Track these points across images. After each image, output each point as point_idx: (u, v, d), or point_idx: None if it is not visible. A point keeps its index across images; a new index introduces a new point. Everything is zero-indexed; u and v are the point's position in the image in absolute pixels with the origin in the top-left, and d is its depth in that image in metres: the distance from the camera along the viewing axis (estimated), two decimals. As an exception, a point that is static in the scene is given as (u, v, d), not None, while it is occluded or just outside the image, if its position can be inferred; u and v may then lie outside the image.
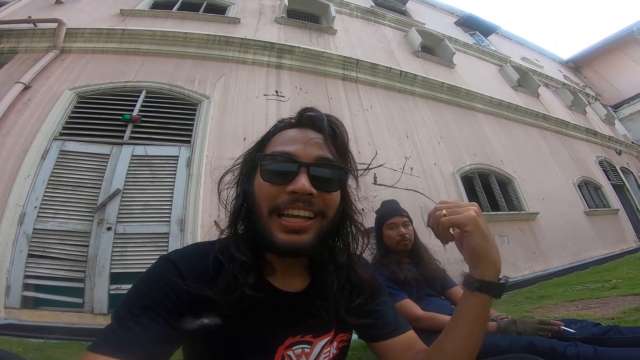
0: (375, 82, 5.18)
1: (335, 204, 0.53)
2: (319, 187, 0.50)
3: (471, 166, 5.01)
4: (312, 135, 0.54)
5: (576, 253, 5.21)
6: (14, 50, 4.03)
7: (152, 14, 5.02)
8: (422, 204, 4.12)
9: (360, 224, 0.61)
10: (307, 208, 0.49)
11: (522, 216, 4.99)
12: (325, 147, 0.53)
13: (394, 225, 1.48)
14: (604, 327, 1.08)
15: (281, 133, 0.57)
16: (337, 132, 0.57)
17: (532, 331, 1.07)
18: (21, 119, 3.34)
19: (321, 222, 0.51)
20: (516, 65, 8.59)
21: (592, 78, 12.72)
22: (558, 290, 3.04)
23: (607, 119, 10.14)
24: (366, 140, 4.33)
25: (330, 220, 0.53)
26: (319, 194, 0.50)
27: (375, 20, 7.07)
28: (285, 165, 0.51)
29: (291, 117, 0.60)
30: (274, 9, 5.89)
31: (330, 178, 0.52)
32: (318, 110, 0.58)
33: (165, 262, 0.50)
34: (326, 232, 0.53)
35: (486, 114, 6.17)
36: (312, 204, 0.50)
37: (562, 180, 6.30)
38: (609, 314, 1.86)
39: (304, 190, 0.48)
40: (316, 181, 0.50)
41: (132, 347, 0.41)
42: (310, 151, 0.52)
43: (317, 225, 0.51)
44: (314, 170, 0.50)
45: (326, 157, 0.52)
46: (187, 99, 3.88)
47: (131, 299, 0.46)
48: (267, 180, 0.51)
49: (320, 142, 0.53)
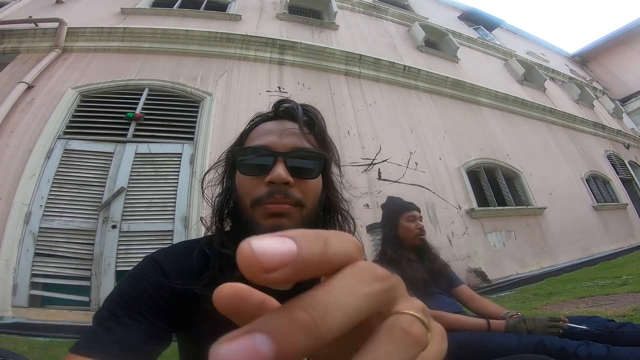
0: (379, 77, 5.13)
1: (314, 192, 0.52)
2: (297, 175, 0.50)
3: (477, 161, 4.95)
4: (288, 125, 0.54)
5: (585, 248, 5.14)
6: (16, 50, 4.04)
7: (153, 12, 5.01)
8: (427, 199, 4.08)
9: (346, 211, 0.59)
10: (283, 201, 0.49)
11: (529, 211, 4.93)
12: (302, 136, 0.53)
13: (413, 217, 1.44)
14: (619, 323, 1.05)
15: (258, 127, 0.57)
16: (315, 120, 0.56)
17: (543, 329, 1.03)
18: (25, 118, 3.35)
19: (301, 212, 0.50)
20: (522, 60, 8.47)
21: (599, 72, 12.54)
22: (567, 287, 3.01)
23: (614, 112, 9.98)
24: (370, 135, 4.29)
25: (310, 209, 0.52)
26: (297, 183, 0.50)
27: (377, 15, 7.01)
28: (262, 159, 0.51)
29: (268, 112, 0.60)
30: (275, 5, 5.85)
31: (307, 167, 0.51)
32: (293, 100, 0.58)
33: (148, 261, 0.50)
34: (308, 221, 0.51)
35: (492, 109, 6.10)
36: (288, 194, 0.49)
37: (570, 175, 6.22)
38: (620, 311, 1.82)
39: (280, 179, 0.48)
40: (293, 170, 0.50)
41: (111, 347, 0.41)
42: (286, 141, 0.52)
43: (297, 215, 0.50)
44: (290, 160, 0.50)
45: (302, 146, 0.52)
46: (189, 97, 3.86)
47: (113, 300, 0.46)
48: (245, 174, 0.51)
49: (297, 132, 0.53)
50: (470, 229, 4.16)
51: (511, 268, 4.15)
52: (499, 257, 4.15)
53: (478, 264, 3.90)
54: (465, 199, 4.40)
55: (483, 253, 4.06)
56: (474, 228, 4.22)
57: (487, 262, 3.97)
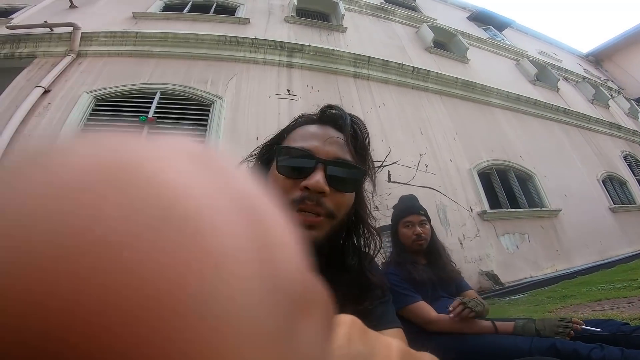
0: (388, 79, 5.10)
1: (346, 206, 0.52)
2: (334, 186, 0.49)
3: (489, 162, 4.86)
4: (332, 133, 0.53)
5: (601, 251, 4.98)
6: (33, 55, 4.15)
7: (163, 17, 5.10)
8: (438, 201, 4.02)
9: (374, 228, 0.59)
10: (314, 209, 0.48)
11: (543, 213, 4.81)
12: (345, 146, 0.52)
13: (410, 223, 1.42)
14: (634, 326, 1.02)
15: (301, 128, 0.56)
16: (359, 133, 0.55)
17: (552, 330, 1.01)
18: (42, 122, 3.43)
19: (331, 222, 0.49)
20: (533, 59, 8.32)
21: (614, 71, 12.25)
22: (582, 290, 2.92)
23: (630, 112, 9.70)
24: (379, 137, 4.25)
25: (339, 221, 0.51)
26: (332, 194, 0.49)
27: (385, 17, 6.99)
28: (303, 161, 0.50)
29: (313, 113, 0.58)
30: (283, 8, 5.90)
31: (346, 178, 0.50)
32: (341, 108, 0.56)
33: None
34: (335, 233, 0.51)
35: (503, 109, 5.99)
36: (321, 203, 0.48)
37: (585, 176, 6.05)
38: (636, 314, 1.77)
39: (318, 187, 0.47)
40: (332, 180, 0.49)
41: None
42: (329, 149, 0.51)
43: (327, 226, 0.49)
44: (331, 168, 0.49)
45: (344, 157, 0.51)
46: (200, 100, 3.91)
47: None
48: (282, 173, 0.50)
49: (341, 141, 0.52)
50: (482, 232, 4.08)
51: (524, 271, 4.05)
52: (512, 260, 4.06)
53: (490, 266, 3.82)
54: (476, 201, 4.32)
55: (495, 256, 3.97)
56: (486, 230, 4.13)
57: (499, 265, 3.89)
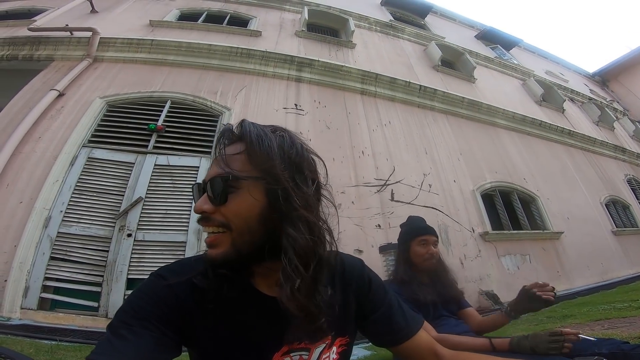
0: (394, 97, 5.15)
1: (240, 214, 0.50)
2: (215, 202, 0.51)
3: (492, 184, 4.86)
4: (221, 152, 0.54)
5: (602, 273, 4.94)
6: (51, 58, 4.25)
7: (178, 26, 5.22)
8: (440, 221, 4.02)
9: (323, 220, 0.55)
10: (207, 225, 0.52)
11: (545, 235, 4.79)
12: (221, 160, 0.52)
13: (425, 242, 1.44)
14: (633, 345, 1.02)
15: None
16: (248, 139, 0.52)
17: (544, 345, 1.01)
18: (53, 125, 3.49)
19: (231, 235, 0.50)
20: (540, 79, 8.37)
21: (620, 92, 12.26)
22: (582, 310, 2.88)
23: (635, 135, 9.67)
24: (384, 156, 4.28)
25: (241, 231, 0.50)
26: (221, 208, 0.51)
27: (394, 35, 7.09)
28: (195, 189, 0.56)
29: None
30: (294, 23, 6.01)
31: (222, 189, 0.51)
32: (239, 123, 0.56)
33: (155, 277, 0.53)
34: (242, 242, 0.50)
35: (508, 130, 6.01)
36: (210, 220, 0.51)
37: (588, 199, 6.02)
38: (636, 332, 1.75)
39: (196, 210, 0.52)
40: (213, 196, 0.51)
41: (127, 354, 0.42)
42: (210, 170, 0.54)
43: (228, 239, 0.50)
44: (209, 187, 0.52)
45: (217, 172, 0.52)
46: (209, 110, 3.97)
47: (125, 311, 0.48)
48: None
49: (218, 158, 0.53)
50: (483, 252, 4.07)
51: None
52: (512, 280, 4.03)
53: (490, 286, 3.80)
54: (479, 222, 4.31)
55: (496, 276, 3.95)
56: (487, 251, 4.12)
57: (500, 285, 3.86)
